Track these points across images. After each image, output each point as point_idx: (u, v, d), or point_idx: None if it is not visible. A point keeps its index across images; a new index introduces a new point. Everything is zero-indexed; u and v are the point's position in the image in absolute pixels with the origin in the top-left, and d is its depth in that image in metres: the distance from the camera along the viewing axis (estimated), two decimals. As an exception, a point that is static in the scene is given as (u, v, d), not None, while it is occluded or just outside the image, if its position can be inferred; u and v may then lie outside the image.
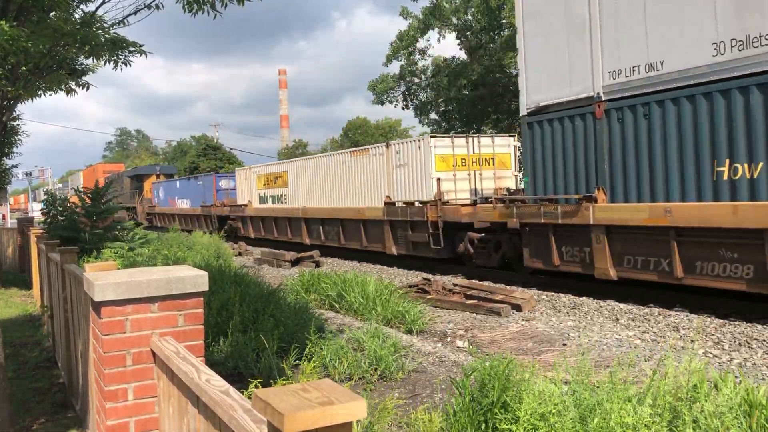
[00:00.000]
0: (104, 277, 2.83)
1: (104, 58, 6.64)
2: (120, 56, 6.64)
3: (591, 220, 10.31)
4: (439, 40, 44.26)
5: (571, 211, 10.70)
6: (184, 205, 34.42)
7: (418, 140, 15.87)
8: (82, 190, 13.25)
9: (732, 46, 8.54)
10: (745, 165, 8.46)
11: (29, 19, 5.84)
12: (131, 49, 6.63)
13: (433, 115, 34.95)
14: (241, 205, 26.34)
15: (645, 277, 9.87)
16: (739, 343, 7.73)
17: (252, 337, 6.79)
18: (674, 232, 9.22)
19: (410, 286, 11.89)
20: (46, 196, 13.31)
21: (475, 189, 15.63)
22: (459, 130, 31.41)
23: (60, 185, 77.41)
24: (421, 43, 32.53)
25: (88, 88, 7.80)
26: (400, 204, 15.89)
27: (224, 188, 30.21)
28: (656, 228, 9.43)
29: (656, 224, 9.33)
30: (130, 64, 6.84)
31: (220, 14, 6.29)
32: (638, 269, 9.95)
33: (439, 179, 14.67)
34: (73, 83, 7.86)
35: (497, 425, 3.81)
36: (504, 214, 12.30)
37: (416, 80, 34.14)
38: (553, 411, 3.58)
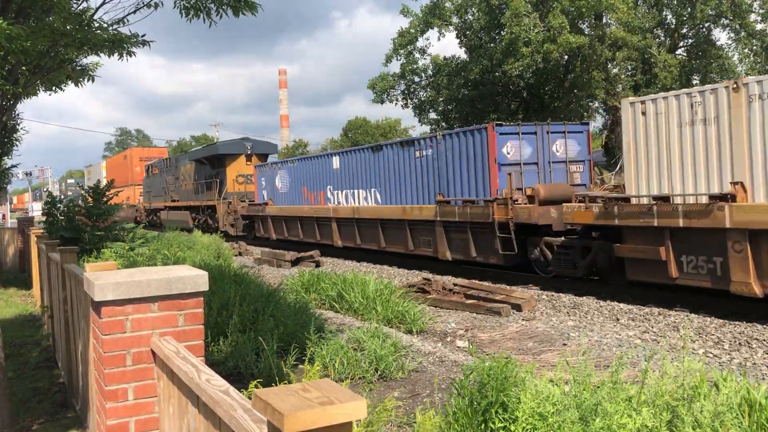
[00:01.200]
0: (104, 277, 2.83)
1: (106, 53, 6.66)
2: (123, 48, 6.65)
3: None
4: (439, 39, 44.34)
5: None
6: (359, 201, 17.73)
7: None
8: (86, 188, 13.27)
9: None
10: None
11: (28, 20, 5.84)
12: (133, 40, 6.64)
13: (433, 115, 34.97)
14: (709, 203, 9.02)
15: None
16: (740, 343, 7.74)
17: (252, 336, 6.80)
18: None
19: (410, 286, 11.89)
20: (46, 198, 13.27)
21: None
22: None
23: (71, 181, 74.51)
24: (420, 42, 32.59)
25: (93, 80, 7.86)
26: None
27: (510, 160, 13.15)
28: None
29: None
30: (133, 55, 6.86)
31: (214, 23, 6.35)
32: None
33: None
34: (81, 79, 7.93)
35: (495, 425, 3.81)
36: None
37: (416, 79, 34.17)
38: (552, 411, 3.58)
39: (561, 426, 3.52)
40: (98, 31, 6.23)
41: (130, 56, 6.81)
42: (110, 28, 6.37)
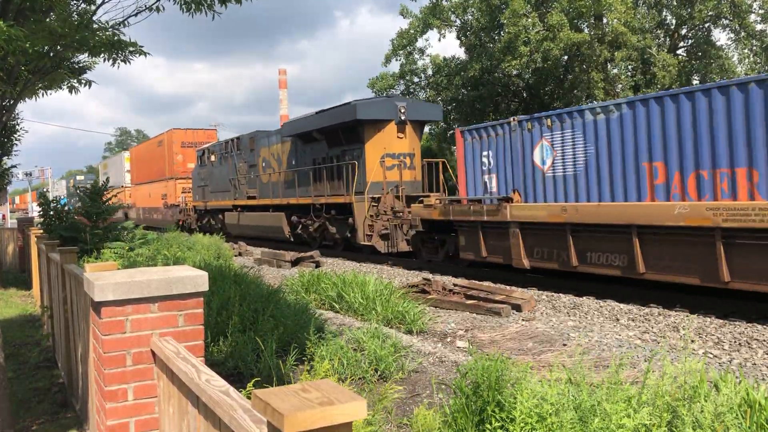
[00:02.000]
0: (104, 278, 2.83)
1: (104, 56, 6.66)
2: (120, 54, 6.66)
3: None
4: (439, 39, 44.42)
5: None
6: None
7: None
8: (81, 189, 13.25)
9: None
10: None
11: (27, 21, 5.85)
12: (131, 49, 6.64)
13: (433, 115, 34.95)
14: None
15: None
16: (740, 343, 7.73)
17: (251, 336, 6.80)
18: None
19: (410, 286, 11.89)
20: (39, 200, 13.20)
21: None
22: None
23: (80, 178, 72.99)
24: (420, 43, 32.71)
25: (90, 86, 7.82)
26: None
27: None
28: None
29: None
30: (129, 62, 6.87)
31: (219, 14, 6.32)
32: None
33: None
34: (75, 81, 7.90)
35: (492, 425, 3.81)
36: None
37: (416, 79, 34.19)
38: (551, 411, 3.58)
39: (560, 426, 3.52)
40: (98, 32, 6.24)
41: (125, 63, 6.82)
42: (110, 29, 6.38)
